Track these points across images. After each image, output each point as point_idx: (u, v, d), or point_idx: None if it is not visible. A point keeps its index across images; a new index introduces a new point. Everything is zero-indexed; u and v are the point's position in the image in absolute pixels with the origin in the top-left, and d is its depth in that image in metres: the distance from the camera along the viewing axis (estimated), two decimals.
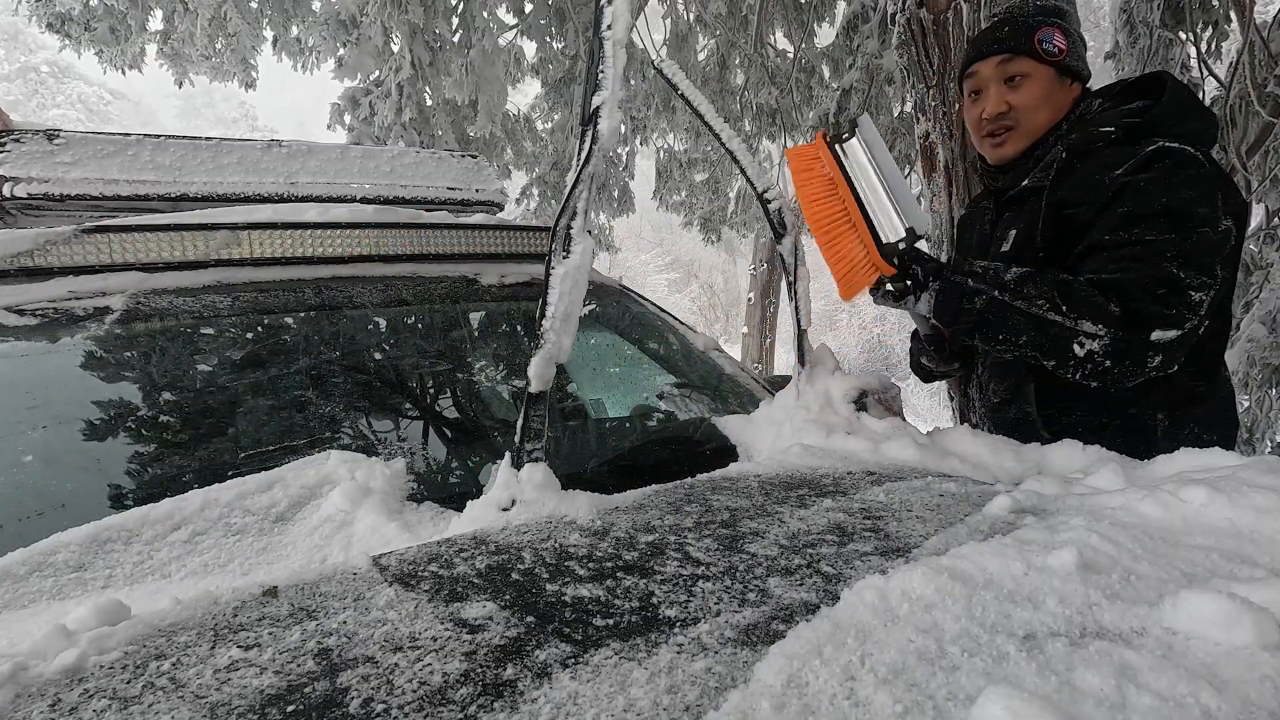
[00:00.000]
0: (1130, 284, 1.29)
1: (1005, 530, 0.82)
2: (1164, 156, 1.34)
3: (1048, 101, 1.52)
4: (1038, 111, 1.52)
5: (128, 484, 1.19)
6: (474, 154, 2.51)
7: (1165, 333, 1.26)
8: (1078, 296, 1.29)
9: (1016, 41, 1.52)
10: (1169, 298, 1.27)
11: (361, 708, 0.55)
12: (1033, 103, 1.52)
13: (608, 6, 1.06)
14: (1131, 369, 1.29)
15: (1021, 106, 1.52)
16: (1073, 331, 1.28)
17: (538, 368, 1.05)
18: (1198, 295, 1.28)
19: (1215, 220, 1.31)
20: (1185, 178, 1.32)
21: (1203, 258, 1.29)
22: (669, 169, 9.84)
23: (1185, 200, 1.31)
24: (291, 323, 1.58)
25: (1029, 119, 1.53)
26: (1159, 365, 1.28)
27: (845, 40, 6.91)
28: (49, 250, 1.40)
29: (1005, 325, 1.34)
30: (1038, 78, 1.51)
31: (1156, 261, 1.29)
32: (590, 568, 0.79)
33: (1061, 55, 1.50)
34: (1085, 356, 1.29)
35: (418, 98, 6.44)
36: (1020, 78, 1.52)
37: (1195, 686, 0.50)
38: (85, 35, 7.07)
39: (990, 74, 1.55)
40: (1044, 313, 1.30)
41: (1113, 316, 1.27)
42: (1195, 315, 1.28)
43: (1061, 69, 1.51)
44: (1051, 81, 1.51)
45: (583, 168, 1.06)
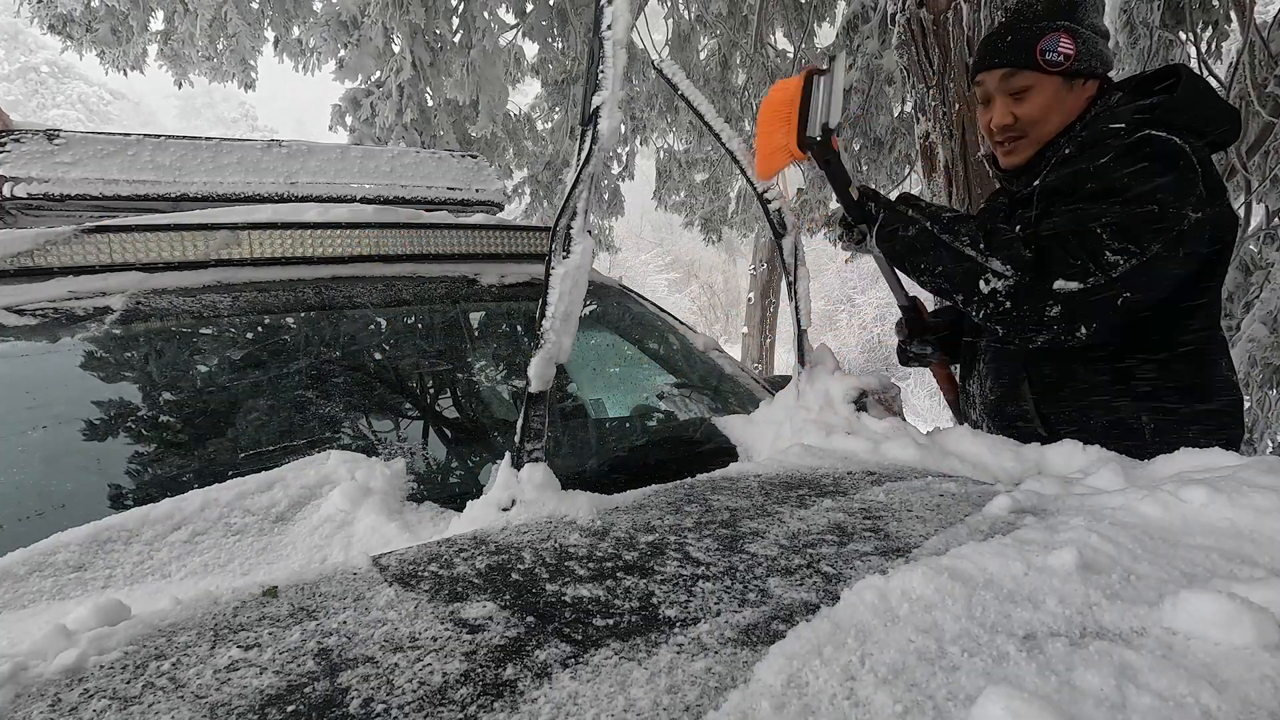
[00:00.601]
0: (1051, 238, 1.34)
1: (1005, 530, 0.82)
2: (1146, 144, 1.34)
3: (1055, 110, 1.49)
4: (1045, 122, 1.50)
5: (128, 484, 1.19)
6: (474, 154, 2.51)
7: (1067, 283, 1.29)
8: (998, 240, 1.35)
9: (1017, 55, 1.49)
10: (1079, 251, 1.30)
11: (361, 708, 0.55)
12: (1039, 114, 1.50)
13: (608, 6, 1.06)
14: (1029, 314, 1.32)
15: (1028, 119, 1.51)
16: (982, 268, 1.34)
17: (538, 368, 1.05)
18: (1114, 258, 1.28)
19: (1173, 207, 1.30)
20: (1159, 165, 1.32)
21: (1136, 229, 1.29)
22: (669, 169, 9.84)
23: (1147, 186, 1.31)
24: (291, 323, 1.58)
25: (1036, 130, 1.51)
26: (1057, 317, 1.31)
27: (845, 40, 6.91)
28: (49, 250, 1.40)
29: (927, 254, 1.39)
30: (1043, 89, 1.48)
31: (1084, 222, 1.32)
32: (590, 568, 0.79)
33: (1068, 62, 1.45)
34: (989, 294, 1.34)
35: (419, 98, 6.44)
36: (1025, 91, 1.49)
37: (1195, 686, 0.50)
38: (87, 36, 7.07)
39: (995, 86, 1.53)
40: (963, 247, 1.36)
41: (1022, 259, 1.32)
42: (1104, 274, 1.28)
43: (1070, 74, 1.47)
44: (1058, 90, 1.48)
45: (583, 168, 1.06)
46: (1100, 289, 1.29)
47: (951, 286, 1.39)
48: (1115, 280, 1.29)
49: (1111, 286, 1.30)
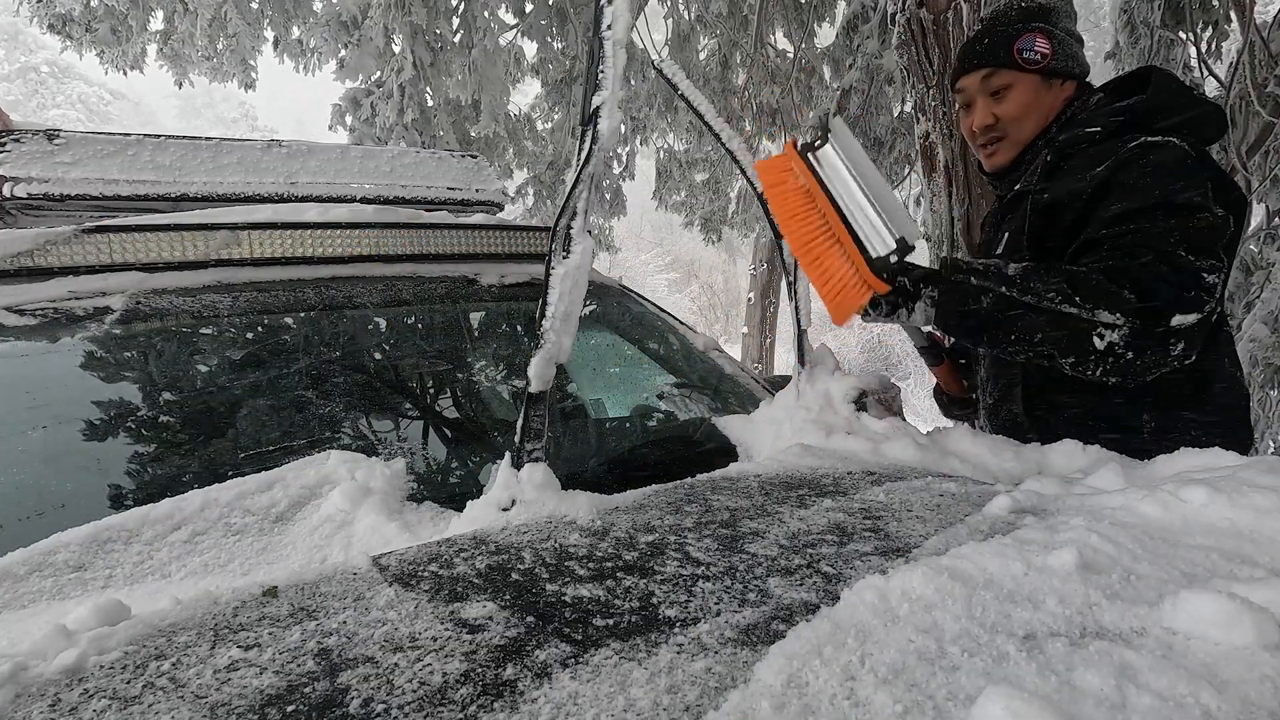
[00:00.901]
0: (1143, 269, 1.23)
1: (1005, 530, 0.82)
2: (1149, 150, 1.32)
3: (1034, 109, 1.51)
4: (1024, 121, 1.52)
5: (128, 484, 1.19)
6: (474, 154, 2.51)
7: (1185, 317, 1.21)
8: (1090, 285, 1.22)
9: (995, 54, 1.51)
10: (1184, 280, 1.22)
11: (361, 708, 0.55)
12: (1018, 112, 1.52)
13: (608, 6, 1.06)
14: (1154, 359, 1.23)
15: (1007, 117, 1.53)
16: (1090, 323, 1.22)
17: (538, 368, 1.05)
18: (1211, 278, 1.23)
19: (1210, 207, 1.28)
20: (1172, 170, 1.30)
21: (1206, 241, 1.25)
22: (669, 169, 9.84)
23: (1176, 191, 1.28)
24: (291, 323, 1.58)
25: (1016, 129, 1.53)
26: (1181, 353, 1.23)
27: (845, 40, 6.91)
28: (49, 250, 1.40)
29: (1017, 323, 1.26)
30: (1021, 87, 1.50)
31: (1163, 248, 1.24)
32: (590, 568, 0.79)
33: (1045, 60, 1.48)
34: (1106, 349, 1.22)
35: (419, 98, 6.44)
36: (1004, 89, 1.52)
37: (1195, 686, 0.50)
38: (86, 36, 7.07)
39: (975, 88, 1.55)
40: (1057, 305, 1.23)
41: (1129, 304, 1.20)
42: (1211, 298, 1.23)
43: (1047, 73, 1.50)
44: (1036, 88, 1.50)
45: (583, 167, 1.06)
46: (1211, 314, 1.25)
47: (1060, 352, 1.26)
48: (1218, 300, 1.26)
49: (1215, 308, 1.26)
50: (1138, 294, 1.21)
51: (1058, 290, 1.23)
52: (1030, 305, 1.25)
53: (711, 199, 10.29)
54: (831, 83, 7.45)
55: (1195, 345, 1.25)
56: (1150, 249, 1.25)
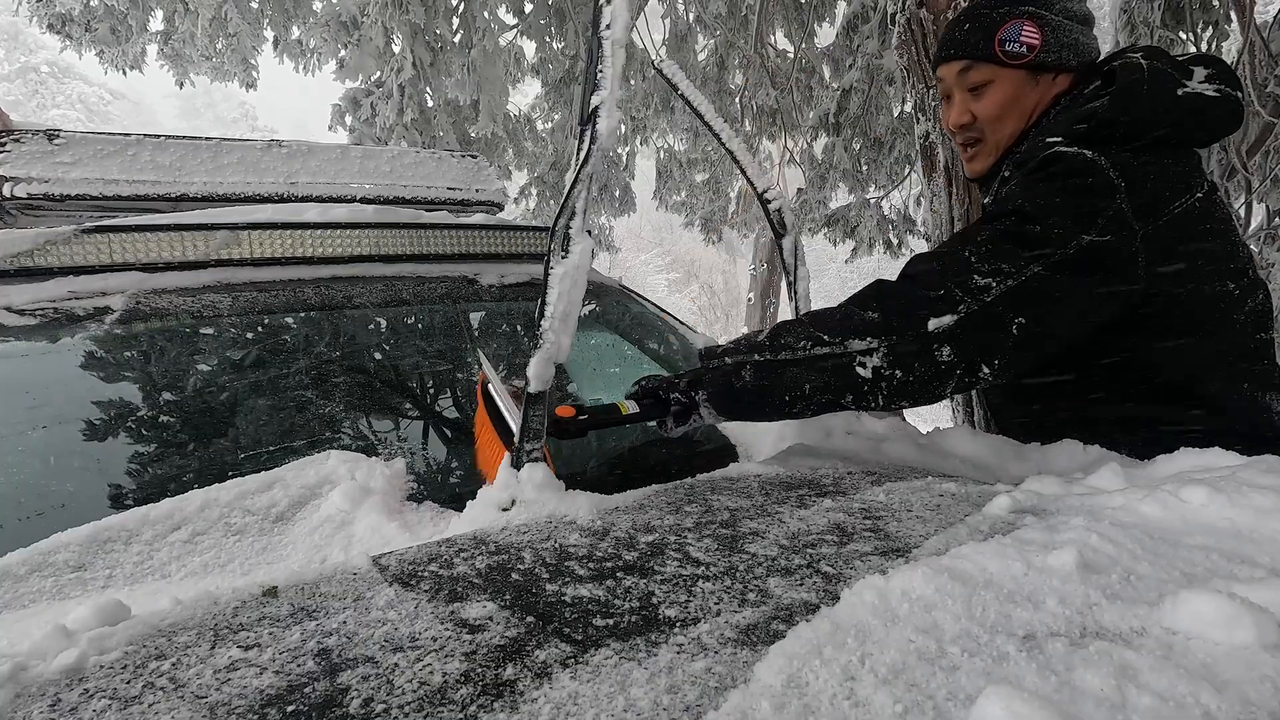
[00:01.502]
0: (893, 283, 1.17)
1: (1005, 530, 0.82)
2: (1051, 161, 1.21)
3: (1014, 108, 1.34)
4: (1002, 122, 1.35)
5: (128, 484, 1.19)
6: (474, 154, 2.51)
7: (940, 319, 1.11)
8: (832, 320, 1.16)
9: (974, 46, 1.33)
10: (941, 280, 1.13)
11: (361, 708, 0.55)
12: (996, 112, 1.34)
13: (606, 6, 1.06)
14: (927, 372, 1.13)
15: (984, 117, 1.36)
16: (847, 355, 1.13)
17: (537, 368, 1.05)
18: (983, 280, 1.11)
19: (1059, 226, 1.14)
20: (1058, 183, 1.18)
21: (1007, 249, 1.14)
22: (669, 169, 9.85)
23: (1036, 205, 1.17)
24: (291, 323, 1.58)
25: (993, 131, 1.37)
26: (952, 360, 1.12)
27: (845, 40, 6.91)
28: (49, 250, 1.40)
29: (782, 384, 1.17)
30: (1001, 84, 1.33)
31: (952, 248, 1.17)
32: (590, 568, 0.79)
33: (1031, 54, 1.29)
34: (874, 376, 1.13)
35: (419, 98, 6.45)
36: (983, 85, 1.34)
37: (1195, 686, 0.50)
38: (86, 36, 7.07)
39: (953, 81, 1.38)
40: (810, 351, 1.15)
41: (871, 322, 1.13)
42: (974, 299, 1.11)
43: (1035, 66, 1.30)
44: (1019, 85, 1.32)
45: (581, 167, 1.06)
46: (981, 315, 1.12)
47: (836, 395, 1.16)
48: (991, 305, 1.12)
49: (993, 313, 1.12)
50: (880, 309, 1.15)
51: (806, 336, 1.17)
52: (787, 361, 1.17)
53: (711, 199, 10.30)
54: (831, 83, 7.46)
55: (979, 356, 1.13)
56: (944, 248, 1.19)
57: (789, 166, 8.53)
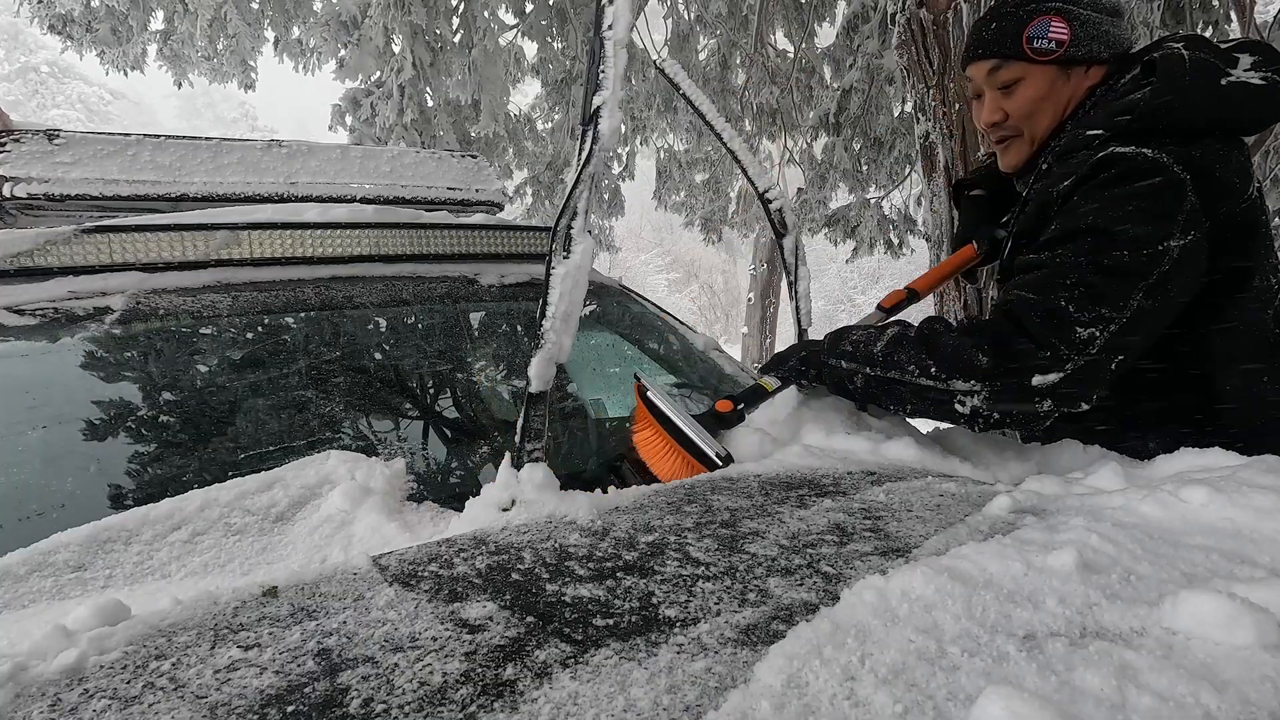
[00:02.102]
0: (1003, 325, 1.18)
1: (1005, 530, 0.82)
2: (1110, 164, 1.18)
3: (1047, 103, 1.33)
4: (1036, 117, 1.35)
5: (128, 484, 1.19)
6: (474, 154, 2.51)
7: (1044, 377, 1.12)
8: (944, 353, 1.17)
9: (1002, 44, 1.33)
10: (1047, 336, 1.13)
11: (361, 708, 0.55)
12: (1028, 109, 1.34)
13: (608, 6, 1.06)
14: (1024, 419, 1.17)
15: (1017, 115, 1.36)
16: (948, 394, 1.17)
17: (538, 368, 1.05)
18: (1087, 331, 1.12)
19: (1148, 240, 1.13)
20: (1126, 190, 1.15)
21: (1107, 289, 1.13)
22: (669, 169, 9.85)
23: (1114, 217, 1.14)
24: (291, 323, 1.58)
25: (1029, 126, 1.36)
26: (1052, 409, 1.14)
27: (845, 40, 6.92)
28: (49, 250, 1.40)
29: (889, 397, 1.25)
30: (1032, 81, 1.32)
31: (1049, 292, 1.16)
32: (590, 568, 0.79)
33: (1061, 49, 1.28)
34: (972, 414, 1.17)
35: (419, 98, 6.45)
36: (1014, 83, 1.34)
37: (1195, 686, 0.50)
38: (86, 36, 7.08)
39: (983, 80, 1.38)
40: (916, 379, 1.19)
41: (980, 369, 1.14)
42: (1081, 355, 1.12)
43: (1065, 61, 1.30)
44: (1051, 81, 1.32)
45: (583, 168, 1.06)
46: (1089, 369, 1.13)
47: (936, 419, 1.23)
48: (1097, 355, 1.13)
49: (1097, 362, 1.13)
50: (992, 356, 1.15)
51: (916, 363, 1.19)
52: (894, 380, 1.22)
53: (711, 199, 10.30)
54: (831, 83, 7.46)
55: (1080, 398, 1.15)
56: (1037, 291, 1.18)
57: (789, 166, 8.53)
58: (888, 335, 1.26)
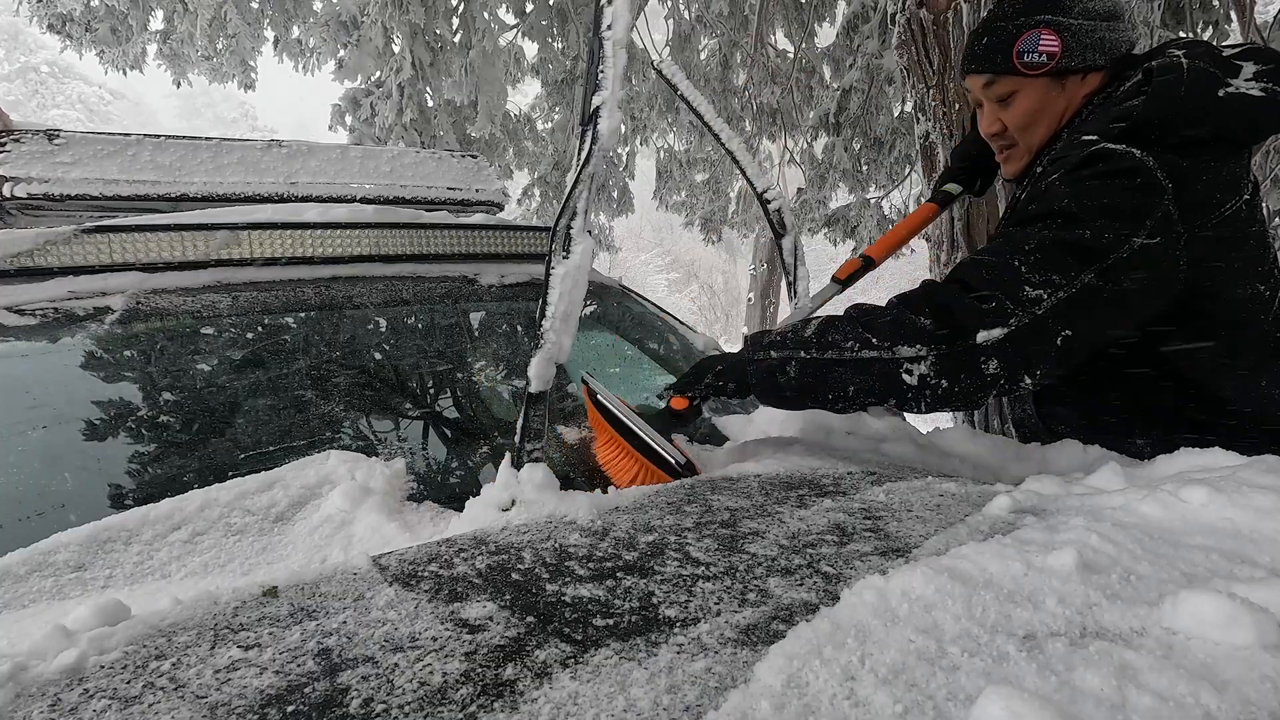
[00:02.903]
0: (946, 287, 1.16)
1: (1005, 530, 0.82)
2: (1096, 159, 1.19)
3: (1043, 115, 1.34)
4: (1032, 128, 1.36)
5: (128, 484, 1.19)
6: (474, 154, 2.51)
7: (989, 332, 1.10)
8: (882, 322, 1.15)
9: (993, 60, 1.33)
10: (992, 292, 1.12)
11: (361, 708, 0.55)
12: (1024, 121, 1.36)
13: (608, 7, 1.06)
14: (970, 382, 1.12)
15: (1014, 126, 1.38)
16: (894, 361, 1.13)
17: (538, 368, 1.05)
18: (1035, 292, 1.11)
19: (1109, 233, 1.13)
20: (1105, 184, 1.16)
21: (1059, 258, 1.12)
22: (669, 169, 9.85)
23: (1083, 205, 1.15)
24: (291, 323, 1.58)
25: (1025, 137, 1.38)
26: (997, 372, 1.11)
27: (845, 40, 6.92)
28: (49, 250, 1.40)
29: (826, 383, 1.16)
30: (1027, 93, 1.33)
31: (1002, 255, 1.15)
32: (590, 568, 0.79)
33: (1052, 61, 1.29)
34: (919, 384, 1.13)
35: (419, 98, 6.45)
36: (1009, 96, 1.35)
37: (1195, 686, 0.50)
38: (86, 36, 7.08)
39: (980, 92, 1.40)
40: (858, 354, 1.14)
41: (923, 330, 1.12)
42: (1025, 312, 1.10)
43: (1058, 72, 1.30)
44: (1045, 92, 1.33)
45: (583, 168, 1.06)
46: (1031, 329, 1.11)
47: (878, 398, 1.16)
48: (1042, 317, 1.11)
49: (1042, 326, 1.11)
50: (933, 317, 1.13)
51: (854, 338, 1.15)
52: (833, 361, 1.16)
53: (711, 199, 10.30)
54: (831, 83, 7.46)
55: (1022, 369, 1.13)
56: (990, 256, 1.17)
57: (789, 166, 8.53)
58: (816, 322, 1.21)
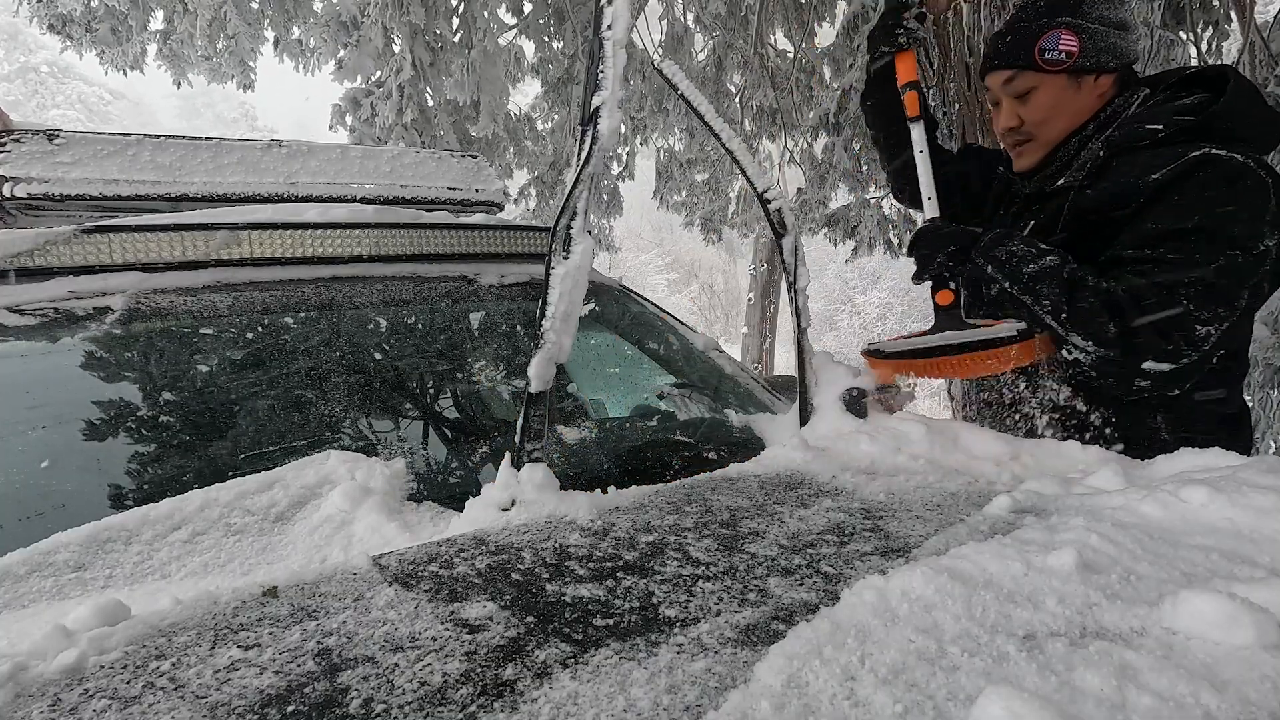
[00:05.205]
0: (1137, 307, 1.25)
1: (1005, 530, 0.82)
2: (1207, 165, 1.26)
3: (1062, 110, 1.45)
4: (1051, 123, 1.46)
5: (128, 484, 1.19)
6: (474, 154, 2.51)
7: (1158, 365, 1.25)
8: (1080, 307, 1.27)
9: (1016, 55, 1.45)
10: (1171, 331, 1.23)
11: (361, 708, 0.55)
12: (1043, 116, 1.46)
13: (607, 7, 1.06)
14: (1115, 387, 1.31)
15: (1033, 121, 1.47)
16: (1063, 339, 1.31)
17: (538, 368, 1.05)
18: (1204, 330, 1.23)
19: (1253, 241, 1.23)
20: (1227, 192, 1.24)
21: (1225, 288, 1.23)
22: (669, 169, 9.84)
23: (1221, 219, 1.23)
24: (291, 323, 1.58)
25: (1043, 131, 1.48)
26: (1145, 389, 1.29)
27: (845, 40, 6.91)
28: (49, 250, 1.40)
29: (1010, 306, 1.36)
30: (1046, 89, 1.44)
31: (1172, 288, 1.24)
32: (590, 568, 0.79)
33: (1071, 60, 1.40)
34: (1072, 362, 1.32)
35: (419, 98, 6.44)
36: (1029, 92, 1.45)
37: (1195, 686, 0.50)
38: (86, 36, 7.07)
39: (999, 88, 1.50)
40: (1043, 314, 1.30)
41: (1107, 337, 1.26)
42: (1196, 351, 1.24)
43: (1076, 70, 1.41)
44: (1063, 89, 1.43)
45: (582, 168, 1.06)
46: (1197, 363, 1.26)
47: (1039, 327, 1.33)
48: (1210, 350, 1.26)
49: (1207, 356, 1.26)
50: (1120, 330, 1.25)
51: (1053, 301, 1.29)
52: (1026, 304, 1.32)
53: (711, 199, 10.28)
54: (831, 83, 7.45)
55: (1168, 387, 1.29)
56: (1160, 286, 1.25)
57: (789, 166, 8.53)
58: (1039, 264, 1.33)
